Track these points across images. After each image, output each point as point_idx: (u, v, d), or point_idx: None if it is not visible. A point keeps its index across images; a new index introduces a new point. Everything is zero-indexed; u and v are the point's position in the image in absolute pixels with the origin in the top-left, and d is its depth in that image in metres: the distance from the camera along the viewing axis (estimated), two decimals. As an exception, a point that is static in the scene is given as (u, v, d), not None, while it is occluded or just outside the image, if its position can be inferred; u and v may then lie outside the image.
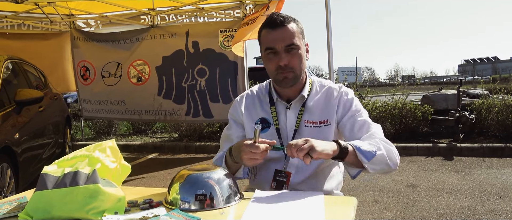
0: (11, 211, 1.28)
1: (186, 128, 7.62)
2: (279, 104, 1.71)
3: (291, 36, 1.58)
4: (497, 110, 6.39)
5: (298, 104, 1.69)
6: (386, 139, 1.60)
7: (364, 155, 1.45)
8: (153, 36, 6.86)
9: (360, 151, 1.45)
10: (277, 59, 1.59)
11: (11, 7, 6.19)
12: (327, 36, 5.07)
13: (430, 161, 5.73)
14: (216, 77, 6.58)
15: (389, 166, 1.51)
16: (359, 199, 4.07)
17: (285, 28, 1.58)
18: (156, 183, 5.17)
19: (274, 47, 1.59)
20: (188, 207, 1.25)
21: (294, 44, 1.58)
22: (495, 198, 3.98)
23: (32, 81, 5.25)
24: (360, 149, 1.46)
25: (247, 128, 1.73)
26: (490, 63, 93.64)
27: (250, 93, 1.81)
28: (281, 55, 1.58)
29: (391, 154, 1.53)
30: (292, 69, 1.60)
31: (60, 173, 1.22)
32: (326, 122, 1.66)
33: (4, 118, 3.89)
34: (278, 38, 1.58)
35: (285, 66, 1.58)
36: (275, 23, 1.58)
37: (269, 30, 1.60)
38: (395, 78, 75.94)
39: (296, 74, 1.62)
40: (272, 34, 1.59)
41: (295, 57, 1.60)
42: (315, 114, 1.67)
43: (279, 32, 1.58)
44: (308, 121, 1.66)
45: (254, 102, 1.77)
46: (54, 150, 5.35)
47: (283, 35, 1.57)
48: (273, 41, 1.58)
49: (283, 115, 1.69)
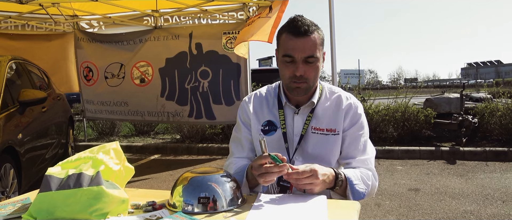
0: (15, 212, 1.28)
1: (188, 129, 7.63)
2: (288, 108, 1.69)
3: (312, 47, 1.53)
4: (500, 113, 6.37)
5: (307, 110, 1.67)
6: (373, 168, 1.66)
7: (354, 194, 1.50)
8: (157, 37, 6.87)
9: (352, 188, 1.50)
10: (294, 68, 1.55)
11: (15, 7, 6.22)
12: (330, 39, 5.07)
13: (432, 164, 5.72)
14: (219, 79, 6.59)
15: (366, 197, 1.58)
16: (361, 203, 4.03)
17: (308, 38, 1.53)
18: (158, 184, 5.17)
19: (293, 56, 1.54)
20: (191, 210, 1.25)
21: (314, 56, 1.54)
22: (497, 203, 3.96)
23: (36, 81, 5.27)
24: (354, 187, 1.50)
25: (253, 129, 1.71)
26: (493, 67, 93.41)
27: (258, 95, 1.79)
28: (299, 65, 1.54)
29: (372, 191, 1.62)
30: (307, 80, 1.57)
31: (64, 175, 1.22)
32: (333, 130, 1.64)
33: (7, 118, 3.90)
34: (299, 48, 1.52)
35: (300, 76, 1.56)
36: (299, 31, 1.52)
37: (291, 36, 1.54)
38: (397, 81, 75.82)
39: (309, 85, 1.60)
40: (293, 41, 1.53)
41: (312, 69, 1.56)
42: (323, 121, 1.65)
43: (301, 42, 1.52)
44: (315, 127, 1.64)
45: (262, 104, 1.75)
46: (57, 150, 5.36)
47: (304, 46, 1.52)
48: (293, 50, 1.53)
49: (291, 119, 1.67)
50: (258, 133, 1.68)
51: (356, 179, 1.52)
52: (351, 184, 1.49)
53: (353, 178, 1.51)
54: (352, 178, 1.51)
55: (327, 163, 1.57)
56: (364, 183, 1.54)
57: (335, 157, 1.66)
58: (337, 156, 1.67)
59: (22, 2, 5.45)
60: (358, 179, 1.53)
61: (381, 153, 6.26)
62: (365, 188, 1.53)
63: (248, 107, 1.74)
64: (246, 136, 1.72)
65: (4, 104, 3.97)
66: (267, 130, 1.69)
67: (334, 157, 1.66)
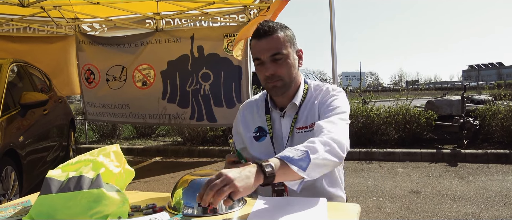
0: (16, 215, 1.28)
1: (189, 131, 7.63)
2: (274, 113, 1.71)
3: (277, 45, 1.56)
4: (502, 116, 6.35)
5: (291, 112, 1.67)
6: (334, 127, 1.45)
7: (297, 164, 1.27)
8: (158, 40, 6.90)
9: (292, 162, 1.26)
10: (264, 69, 1.59)
11: (17, 10, 6.24)
12: (331, 41, 5.07)
13: (434, 167, 5.71)
14: (220, 82, 6.60)
15: (334, 162, 1.37)
16: (362, 205, 4.05)
17: (271, 38, 1.57)
18: (159, 186, 5.17)
19: (260, 58, 1.58)
20: (191, 213, 1.25)
21: (280, 53, 1.56)
22: (499, 205, 3.95)
23: (37, 84, 5.28)
24: (292, 159, 1.27)
25: (243, 137, 1.75)
26: (494, 69, 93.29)
27: (253, 101, 1.82)
28: (267, 65, 1.57)
29: (331, 148, 1.36)
30: (280, 77, 1.59)
31: (65, 177, 1.23)
32: (313, 125, 1.61)
33: (9, 121, 3.90)
34: (263, 49, 1.57)
35: (271, 76, 1.58)
36: (260, 33, 1.58)
37: (255, 40, 1.59)
38: (399, 84, 75.77)
39: (285, 82, 1.60)
40: (258, 44, 1.58)
41: (282, 66, 1.58)
42: (304, 119, 1.66)
43: (264, 42, 1.57)
44: (299, 127, 1.64)
45: (253, 111, 1.77)
46: (58, 153, 5.37)
47: (268, 45, 1.56)
48: (258, 52, 1.58)
49: (278, 123, 1.69)
50: (250, 140, 1.71)
51: (291, 151, 1.30)
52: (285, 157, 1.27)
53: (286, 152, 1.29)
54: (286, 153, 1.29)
55: None
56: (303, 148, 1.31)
57: None
58: None
59: (23, 5, 5.47)
60: (295, 150, 1.31)
61: (382, 155, 6.25)
62: (306, 150, 1.30)
63: (238, 118, 1.80)
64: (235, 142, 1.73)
65: (6, 107, 3.98)
66: (258, 136, 1.71)
67: None
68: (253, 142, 1.72)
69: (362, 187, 4.77)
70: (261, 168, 1.22)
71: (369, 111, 7.02)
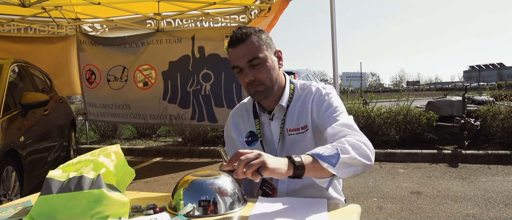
0: (16, 215, 1.29)
1: (190, 132, 7.64)
2: (263, 116, 1.70)
3: (252, 50, 1.54)
4: (503, 116, 6.35)
5: (280, 114, 1.66)
6: (355, 131, 1.47)
7: (327, 160, 1.30)
8: (159, 40, 6.90)
9: (321, 158, 1.31)
10: (244, 76, 1.56)
11: (18, 10, 6.26)
12: (332, 41, 5.06)
13: (434, 167, 5.70)
14: (221, 82, 6.60)
15: (364, 164, 1.38)
16: (363, 206, 4.05)
17: (245, 43, 1.54)
18: (159, 187, 5.17)
19: (237, 65, 1.56)
20: (191, 213, 1.25)
21: (257, 57, 1.54)
22: (500, 206, 3.95)
23: (38, 84, 5.29)
24: (321, 156, 1.31)
25: (236, 142, 1.74)
26: (495, 70, 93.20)
27: (242, 105, 1.80)
28: (246, 71, 1.55)
29: (361, 150, 1.38)
30: (261, 81, 1.57)
31: (65, 178, 1.23)
32: (305, 127, 1.61)
33: (9, 121, 3.91)
34: (239, 55, 1.55)
35: (251, 82, 1.56)
36: (234, 41, 1.56)
37: (231, 48, 1.57)
38: (400, 84, 75.78)
39: (267, 86, 1.58)
40: (234, 52, 1.56)
41: (262, 70, 1.56)
42: (295, 120, 1.63)
43: (239, 49, 1.54)
44: (289, 129, 1.63)
45: (243, 115, 1.76)
46: (59, 153, 5.37)
47: (243, 52, 1.54)
48: (235, 59, 1.56)
49: (267, 126, 1.68)
50: (242, 145, 1.70)
51: (322, 149, 1.35)
52: (316, 154, 1.31)
53: (317, 150, 1.34)
54: (317, 150, 1.34)
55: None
56: (332, 146, 1.36)
57: None
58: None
59: (24, 5, 5.49)
60: (325, 148, 1.35)
61: (383, 156, 6.25)
62: (337, 148, 1.34)
63: (229, 123, 1.79)
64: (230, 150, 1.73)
65: (7, 107, 3.98)
66: (250, 141, 1.70)
67: None
68: (245, 147, 1.70)
69: (362, 187, 4.77)
70: (290, 158, 1.28)
71: (370, 112, 7.02)
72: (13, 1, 5.49)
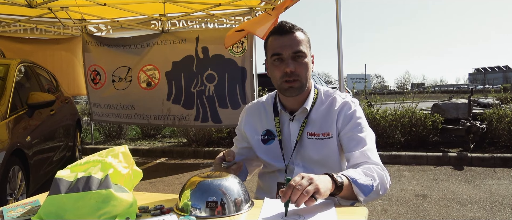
0: (25, 215, 1.29)
1: (195, 133, 7.65)
2: (283, 116, 1.70)
3: (299, 43, 1.57)
4: (509, 119, 6.31)
5: (301, 116, 1.66)
6: (378, 161, 1.54)
7: (361, 189, 1.38)
8: (164, 41, 6.92)
9: (357, 184, 1.38)
10: (284, 66, 1.57)
11: (24, 11, 6.30)
12: (337, 44, 5.06)
13: (440, 170, 5.68)
14: (225, 83, 6.61)
15: (380, 195, 1.46)
16: (368, 208, 4.02)
17: (293, 35, 1.57)
18: (164, 188, 5.18)
19: (281, 53, 1.57)
20: (199, 214, 1.25)
21: (301, 51, 1.57)
22: (506, 209, 3.93)
23: (44, 84, 5.31)
24: (357, 182, 1.38)
25: (250, 140, 1.75)
26: (501, 72, 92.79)
27: (260, 103, 1.80)
28: (288, 62, 1.56)
29: (383, 182, 1.47)
30: (298, 76, 1.58)
31: (73, 178, 1.23)
32: (328, 134, 1.63)
33: (16, 121, 3.93)
34: (285, 45, 1.56)
35: (291, 73, 1.56)
36: (284, 29, 1.58)
37: (276, 36, 1.59)
38: (404, 86, 75.54)
39: (302, 83, 1.60)
40: (279, 40, 1.58)
41: (302, 65, 1.58)
42: (317, 126, 1.64)
43: (287, 39, 1.57)
44: (310, 133, 1.64)
45: (260, 113, 1.76)
46: (65, 153, 5.40)
47: (291, 42, 1.56)
48: (280, 48, 1.57)
49: (287, 126, 1.68)
50: (258, 143, 1.72)
51: (357, 174, 1.41)
52: (352, 179, 1.38)
53: (352, 174, 1.40)
54: (351, 174, 1.40)
55: (328, 168, 1.56)
56: (366, 175, 1.43)
57: (336, 162, 1.65)
58: (337, 160, 1.65)
59: (31, 6, 5.52)
60: (359, 173, 1.42)
61: (388, 158, 6.22)
62: (371, 180, 1.41)
63: (243, 120, 1.81)
64: (240, 145, 1.80)
65: (13, 107, 4.00)
66: (266, 139, 1.71)
67: (334, 162, 1.65)
68: (260, 145, 1.71)
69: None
70: (333, 177, 1.33)
71: (375, 114, 7.00)
72: (20, 2, 5.53)
